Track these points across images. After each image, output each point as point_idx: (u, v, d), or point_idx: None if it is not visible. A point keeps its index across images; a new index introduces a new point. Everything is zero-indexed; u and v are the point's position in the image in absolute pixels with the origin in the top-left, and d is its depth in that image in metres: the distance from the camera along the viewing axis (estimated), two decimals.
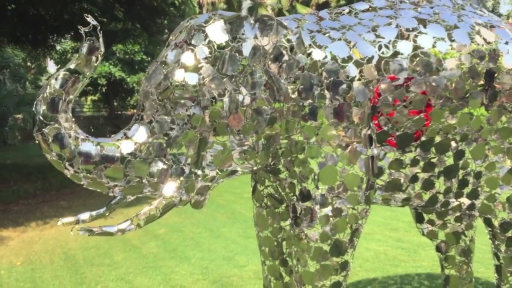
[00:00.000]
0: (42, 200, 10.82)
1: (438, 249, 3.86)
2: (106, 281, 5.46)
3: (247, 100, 2.64)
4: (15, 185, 12.01)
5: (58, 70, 2.71)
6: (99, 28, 2.48)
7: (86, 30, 2.45)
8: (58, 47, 21.65)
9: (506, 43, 3.05)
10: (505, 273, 3.38)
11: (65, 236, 7.51)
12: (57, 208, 9.80)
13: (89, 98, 30.45)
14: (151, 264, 6.05)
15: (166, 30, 18.07)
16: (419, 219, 3.80)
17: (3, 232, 7.87)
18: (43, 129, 2.46)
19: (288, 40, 2.74)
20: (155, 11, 13.26)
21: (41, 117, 2.47)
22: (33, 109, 2.50)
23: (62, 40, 19.75)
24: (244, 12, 25.13)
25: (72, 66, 2.49)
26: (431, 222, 3.75)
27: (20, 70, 27.23)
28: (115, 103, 27.96)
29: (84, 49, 2.48)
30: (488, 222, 3.30)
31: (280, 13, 25.40)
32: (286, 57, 2.71)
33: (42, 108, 2.46)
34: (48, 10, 13.96)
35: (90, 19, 2.47)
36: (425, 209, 3.56)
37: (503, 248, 3.32)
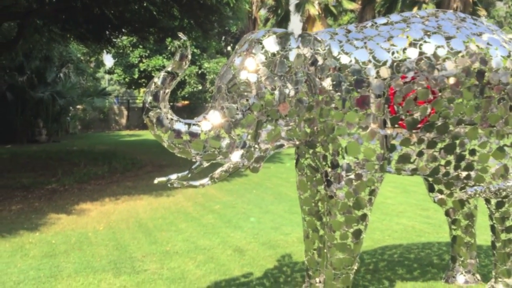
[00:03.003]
0: (110, 181, 12.09)
1: (446, 213, 4.73)
2: (175, 241, 6.57)
3: (292, 93, 3.55)
4: (85, 168, 13.41)
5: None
6: (188, 42, 3.52)
7: (179, 44, 3.49)
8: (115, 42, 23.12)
9: (496, 48, 3.84)
10: (498, 232, 4.19)
11: (136, 209, 8.74)
12: (125, 188, 11.00)
13: (142, 90, 31.73)
14: (210, 230, 7.11)
15: (215, 24, 19.06)
16: (431, 189, 4.67)
17: (83, 205, 9.16)
18: (149, 113, 3.51)
19: (322, 49, 3.69)
20: (210, 10, 14.32)
21: (147, 105, 3.51)
22: (143, 99, 3.57)
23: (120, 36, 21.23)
24: (291, 8, 25.92)
25: (169, 69, 3.50)
26: (440, 191, 4.61)
27: (81, 64, 29.09)
28: None
29: (177, 57, 3.48)
30: None
31: (326, 8, 26.00)
32: (320, 62, 3.65)
33: (149, 98, 3.48)
34: (111, 9, 15.30)
35: (181, 35, 3.50)
36: (431, 178, 4.43)
37: (495, 211, 4.15)
